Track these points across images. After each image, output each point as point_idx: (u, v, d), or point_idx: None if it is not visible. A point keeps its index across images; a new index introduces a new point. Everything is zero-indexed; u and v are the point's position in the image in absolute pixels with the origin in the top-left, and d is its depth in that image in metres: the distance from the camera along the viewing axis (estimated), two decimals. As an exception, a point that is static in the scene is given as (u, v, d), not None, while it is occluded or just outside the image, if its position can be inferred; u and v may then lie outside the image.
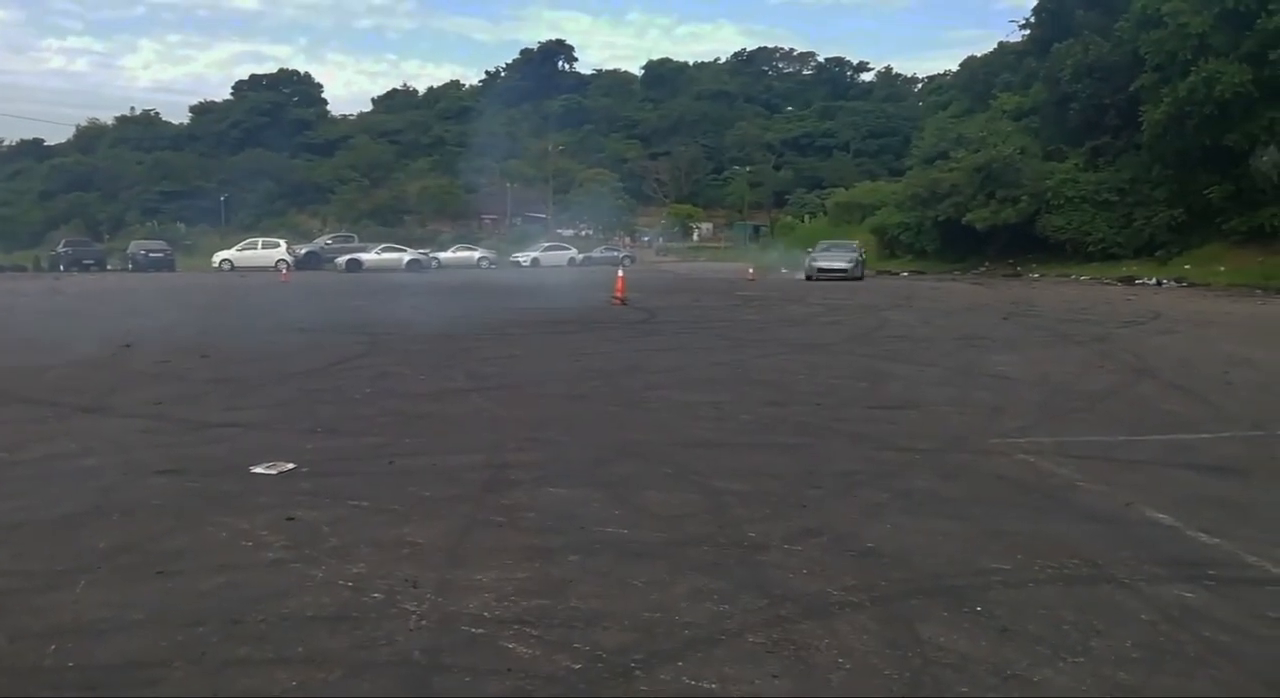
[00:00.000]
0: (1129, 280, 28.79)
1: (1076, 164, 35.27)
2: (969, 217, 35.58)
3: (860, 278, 31.29)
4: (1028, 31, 46.05)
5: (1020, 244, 35.13)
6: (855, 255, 32.69)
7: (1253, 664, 3.04)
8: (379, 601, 3.45)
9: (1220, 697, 2.84)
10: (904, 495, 5.01)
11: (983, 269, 35.78)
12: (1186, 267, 29.23)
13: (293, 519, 4.38)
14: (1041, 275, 32.36)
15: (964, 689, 2.84)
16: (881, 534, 4.30)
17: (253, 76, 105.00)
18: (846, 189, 59.60)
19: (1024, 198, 34.36)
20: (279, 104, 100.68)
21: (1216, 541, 4.22)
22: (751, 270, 34.77)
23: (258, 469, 5.31)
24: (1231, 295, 23.14)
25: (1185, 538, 4.28)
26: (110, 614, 3.35)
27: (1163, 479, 5.43)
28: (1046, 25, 41.99)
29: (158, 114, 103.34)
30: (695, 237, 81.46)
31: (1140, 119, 31.56)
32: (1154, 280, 28.47)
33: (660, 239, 78.36)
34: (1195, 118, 28.95)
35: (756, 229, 77.53)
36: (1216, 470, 5.63)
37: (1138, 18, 32.54)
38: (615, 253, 55.95)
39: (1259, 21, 27.94)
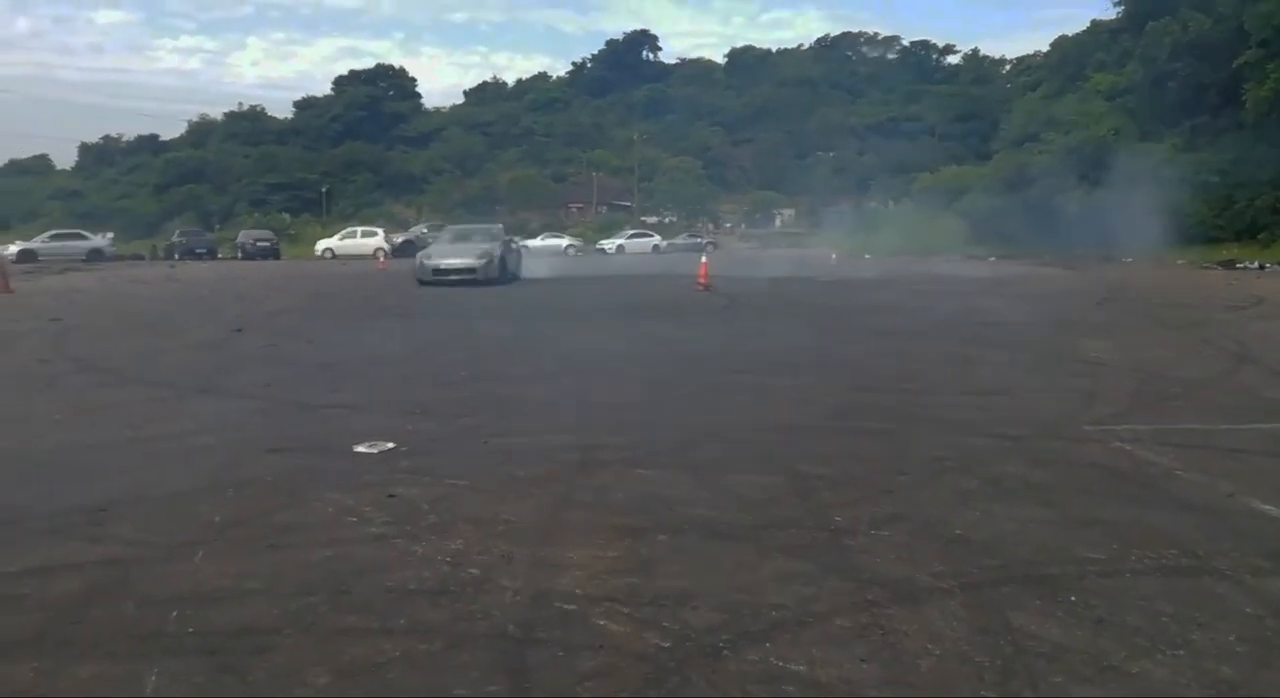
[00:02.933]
0: (1229, 264, 27.58)
1: (1175, 144, 33.90)
2: (1059, 199, 34.52)
3: (499, 280, 21.43)
4: (1123, 8, 44.36)
5: (1114, 228, 33.91)
6: (492, 247, 22.11)
7: (1365, 661, 2.94)
8: (476, 576, 3.57)
9: (1329, 692, 2.75)
10: (994, 482, 4.94)
11: (1075, 253, 34.66)
12: (1294, 250, 27.89)
13: (394, 496, 4.55)
14: (1135, 260, 31.21)
15: (1058, 679, 2.81)
16: (971, 521, 4.25)
17: (351, 72, 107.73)
18: (932, 173, 58.31)
19: (1118, 180, 33.18)
20: (376, 98, 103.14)
21: (1326, 534, 4.07)
22: (834, 256, 34.36)
23: (360, 448, 5.52)
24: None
25: (1292, 531, 4.14)
26: (226, 584, 3.55)
27: (1267, 469, 5.22)
28: (1143, 1, 40.37)
29: (263, 109, 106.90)
30: (778, 222, 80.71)
31: (1243, 97, 30.13)
32: (1256, 264, 27.21)
33: (743, 225, 77.96)
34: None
35: (840, 214, 76.41)
36: (1327, 462, 5.40)
37: (1244, -10, 31.06)
38: (698, 239, 55.92)
39: (1379, -10, 26.40)
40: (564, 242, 52.69)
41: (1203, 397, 7.47)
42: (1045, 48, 59.65)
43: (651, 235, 56.40)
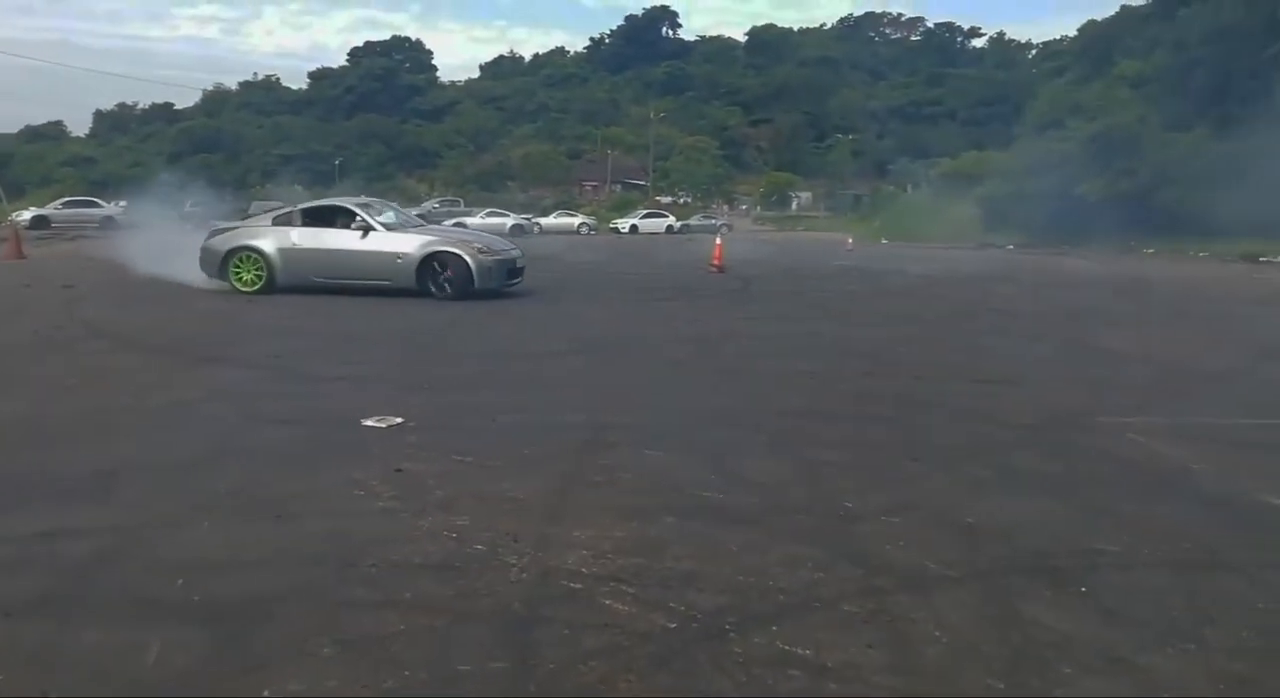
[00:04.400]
0: (1253, 258, 27.27)
1: (1203, 134, 33.44)
2: (1082, 188, 34.14)
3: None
4: (1155, -6, 43.71)
5: (1136, 218, 33.59)
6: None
7: (1381, 660, 2.90)
8: (481, 552, 3.56)
9: (1343, 692, 2.71)
10: (1006, 472, 4.90)
11: (1094, 243, 34.36)
12: (1320, 245, 27.51)
13: (401, 471, 4.54)
14: (1155, 251, 30.89)
15: (1066, 670, 2.79)
16: (982, 510, 4.21)
17: (367, 43, 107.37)
18: (953, 159, 57.79)
19: (1142, 169, 32.77)
20: (391, 70, 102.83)
21: (1343, 531, 4.01)
22: (850, 240, 34.16)
23: (368, 422, 5.51)
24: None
25: (1309, 527, 4.09)
26: (231, 553, 3.55)
27: (1285, 465, 5.17)
28: (1176, -13, 39.79)
29: (278, 79, 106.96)
30: (794, 205, 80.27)
31: (1275, 86, 29.69)
32: (1281, 259, 26.90)
33: (757, 207, 77.60)
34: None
35: (857, 199, 75.89)
36: (1346, 459, 5.33)
37: (1278, -23, 30.54)
38: (713, 221, 55.72)
39: None
40: (577, 220, 52.59)
41: (1221, 390, 7.39)
42: (1073, 32, 58.87)
43: (666, 215, 56.19)
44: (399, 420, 5.54)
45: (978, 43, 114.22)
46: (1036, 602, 3.25)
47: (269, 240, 12.96)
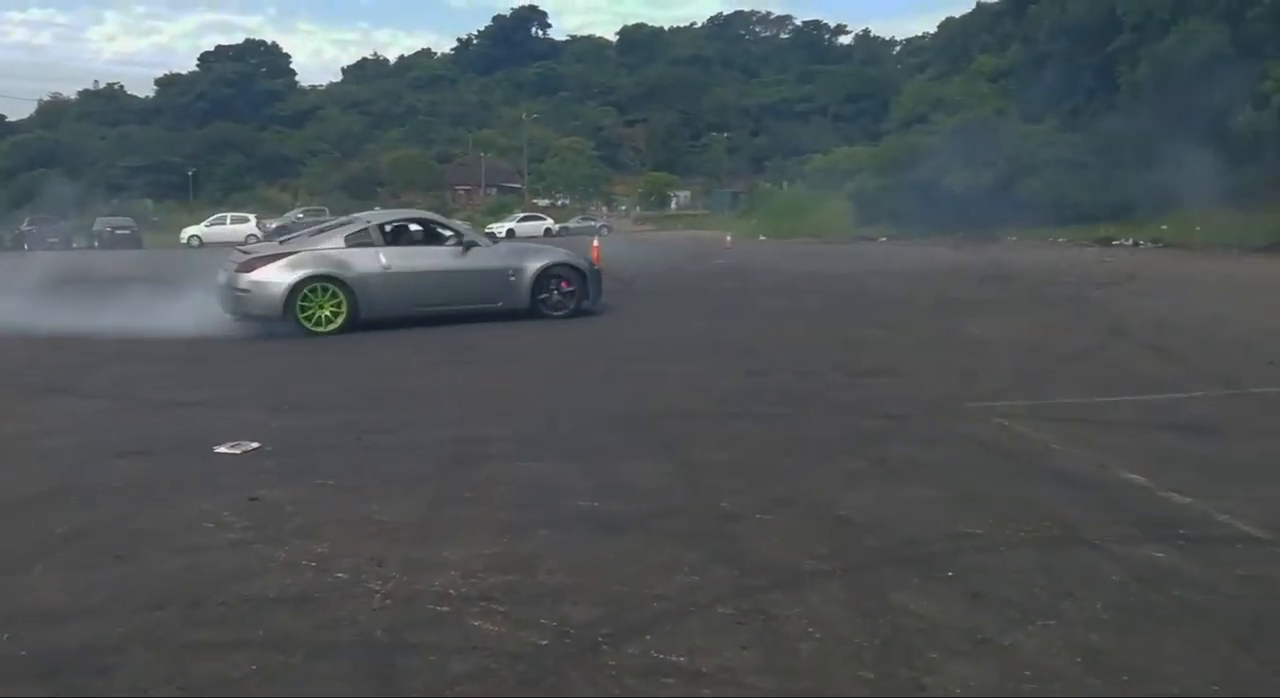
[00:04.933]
0: (1106, 242, 28.88)
1: (1054, 125, 35.25)
2: (947, 180, 35.55)
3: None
4: (1005, -8, 45.86)
5: (999, 207, 35.16)
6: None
7: (1221, 622, 3.03)
8: (343, 580, 3.39)
9: (1189, 656, 2.82)
10: (880, 462, 4.99)
11: (960, 233, 35.82)
12: (1164, 228, 29.32)
13: (256, 499, 4.30)
14: (1019, 238, 32.40)
15: (934, 656, 2.82)
16: (856, 502, 4.27)
17: (218, 47, 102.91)
18: (824, 155, 59.38)
19: (1001, 160, 34.34)
20: (246, 75, 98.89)
21: (1188, 500, 4.21)
22: (729, 238, 34.67)
23: (221, 449, 5.21)
24: (1208, 255, 23.25)
25: (1157, 498, 4.27)
26: (67, 599, 3.28)
27: (1136, 440, 5.42)
28: (1025, -15, 41.84)
29: (122, 87, 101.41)
30: (673, 204, 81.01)
31: (1118, 80, 31.53)
32: (1131, 242, 28.57)
33: (636, 208, 77.99)
34: (1172, 78, 28.96)
35: (735, 196, 77.16)
36: (1189, 430, 5.63)
37: (1115, -23, 32.45)
38: (592, 222, 55.80)
39: (1235, -21, 27.94)
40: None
41: (1078, 371, 7.73)
42: (934, 29, 61.34)
43: (543, 218, 55.96)
44: (255, 445, 5.26)
45: (845, 40, 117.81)
46: (906, 590, 3.29)
47: (349, 265, 10.52)
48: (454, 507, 4.27)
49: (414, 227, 11.75)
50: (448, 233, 11.56)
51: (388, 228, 11.32)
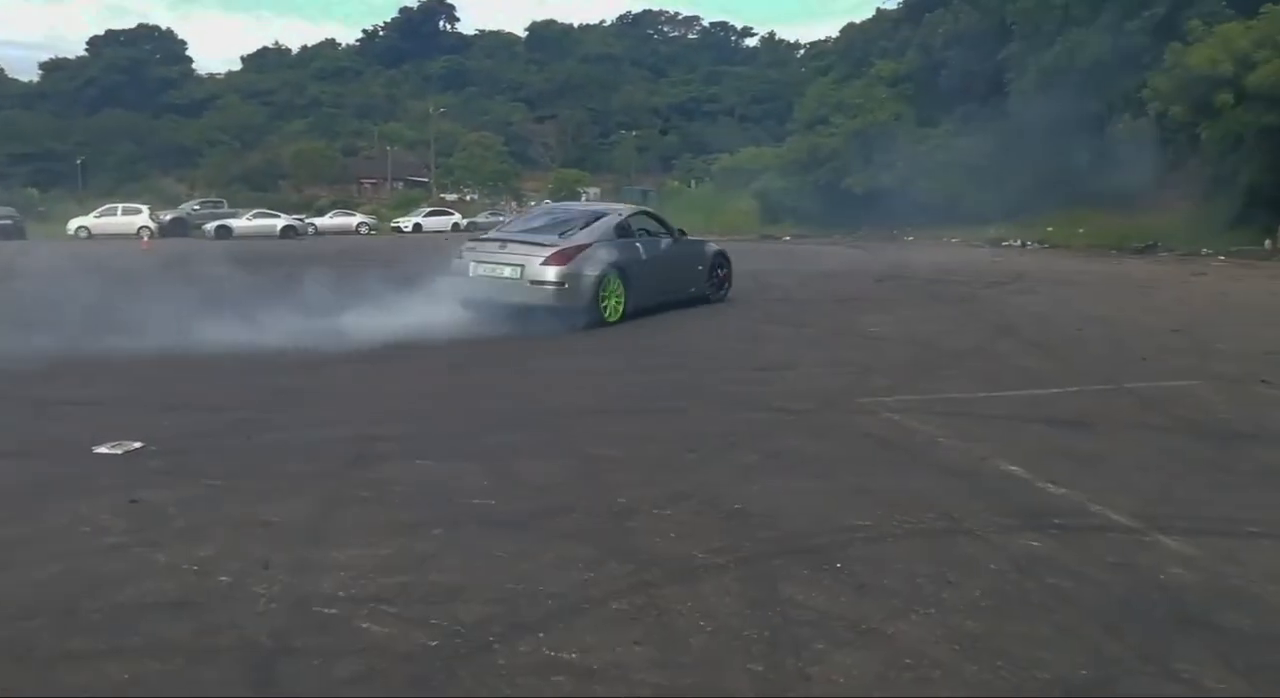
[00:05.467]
0: (996, 243, 29.98)
1: (948, 130, 36.45)
2: (848, 181, 36.44)
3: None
4: (903, 0, 47.20)
5: (897, 207, 36.18)
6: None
7: (1091, 608, 3.19)
8: (226, 584, 3.29)
9: (1061, 641, 2.95)
10: (774, 456, 5.08)
11: (861, 232, 36.74)
12: (1049, 229, 30.58)
13: (137, 502, 4.13)
14: (915, 238, 33.40)
15: (820, 646, 2.89)
16: (750, 495, 4.34)
17: (109, 32, 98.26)
18: (731, 154, 60.07)
19: (899, 163, 35.35)
20: (139, 61, 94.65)
21: (1063, 490, 4.41)
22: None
23: (101, 449, 4.99)
24: (1090, 256, 24.38)
25: (1035, 489, 4.47)
26: (-74, 613, 3.10)
27: (1017, 433, 5.65)
28: (921, -7, 43.14)
29: (2, 71, 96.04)
30: (583, 200, 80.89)
31: (1007, 87, 32.76)
32: (1019, 242, 29.72)
33: (547, 203, 77.51)
34: (1058, 85, 30.22)
35: (644, 194, 77.43)
36: (1066, 423, 5.90)
37: (1005, -12, 33.69)
38: (501, 218, 55.17)
39: (1116, -7, 29.30)
40: (355, 220, 50.75)
41: (965, 367, 8.01)
42: (836, 34, 62.67)
43: (451, 213, 55.24)
44: (138, 445, 5.05)
45: (751, 42, 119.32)
46: (796, 582, 3.36)
47: (623, 256, 10.65)
48: (346, 506, 4.18)
49: (648, 219, 12.26)
50: (663, 227, 12.10)
51: (635, 219, 11.74)
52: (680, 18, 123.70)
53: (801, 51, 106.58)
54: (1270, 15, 22.85)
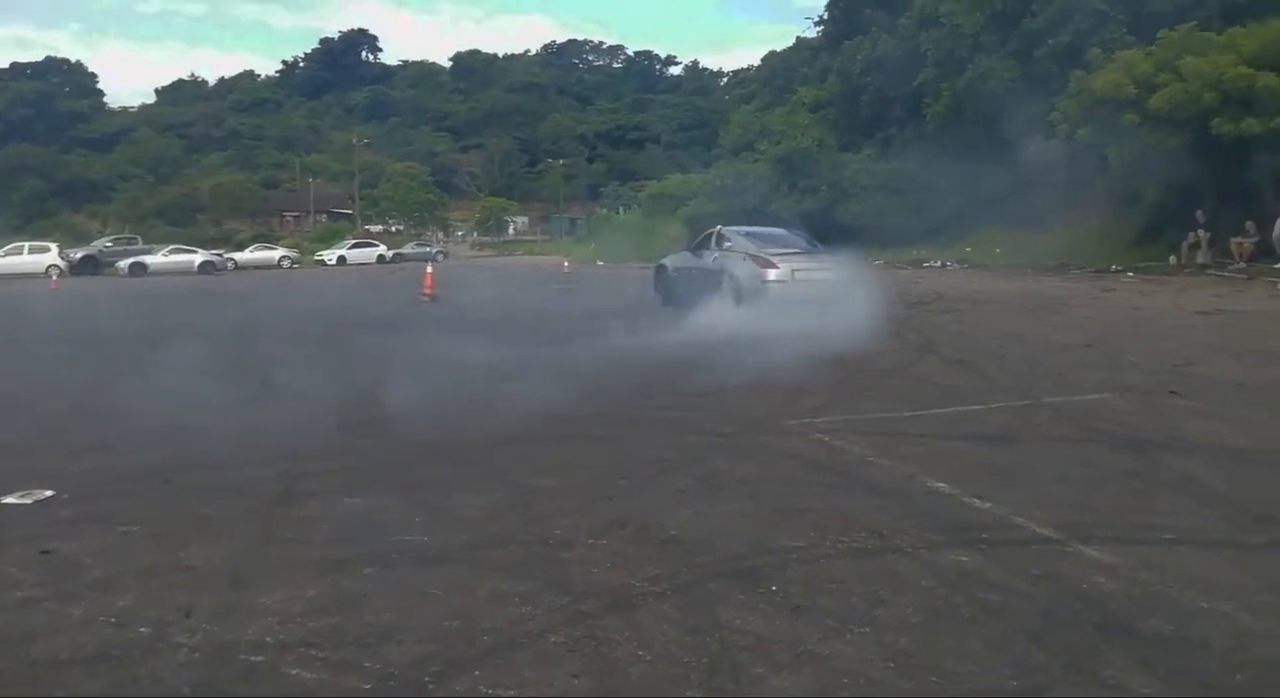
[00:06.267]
0: (918, 264, 30.76)
1: (869, 154, 37.40)
2: (774, 206, 37.06)
3: None
4: (823, 28, 48.43)
5: (823, 231, 36.80)
6: None
7: (1017, 620, 3.26)
8: (146, 635, 3.16)
9: (989, 653, 3.01)
10: (706, 480, 5.10)
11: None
12: (968, 249, 31.52)
13: (48, 552, 3.95)
14: (841, 261, 33.99)
15: (759, 670, 2.90)
16: (684, 520, 4.35)
17: (14, 64, 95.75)
18: (659, 181, 60.64)
19: (823, 187, 36.11)
20: (47, 94, 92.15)
21: (989, 505, 4.51)
22: (567, 263, 34.80)
23: (8, 499, 4.76)
24: (1007, 275, 25.13)
25: (962, 504, 4.56)
26: None
27: (942, 450, 5.77)
28: (839, 22, 44.43)
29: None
30: (511, 230, 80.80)
31: (924, 112, 33.77)
32: (939, 263, 30.54)
33: (474, 233, 77.22)
34: (971, 111, 31.25)
35: (572, 222, 77.72)
36: (990, 439, 6.05)
37: (918, 17, 34.84)
38: (428, 248, 54.92)
39: (1024, 21, 30.46)
40: (278, 253, 49.86)
41: (890, 386, 8.17)
42: (758, 62, 63.97)
43: (376, 245, 54.62)
44: (49, 493, 4.83)
45: (675, 70, 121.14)
46: (732, 606, 3.37)
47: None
48: (271, 548, 4.06)
49: None
50: None
51: None
52: (605, 47, 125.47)
53: (725, 79, 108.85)
54: (1166, 41, 24.02)
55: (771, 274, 13.31)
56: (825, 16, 48.39)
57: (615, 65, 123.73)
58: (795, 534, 4.13)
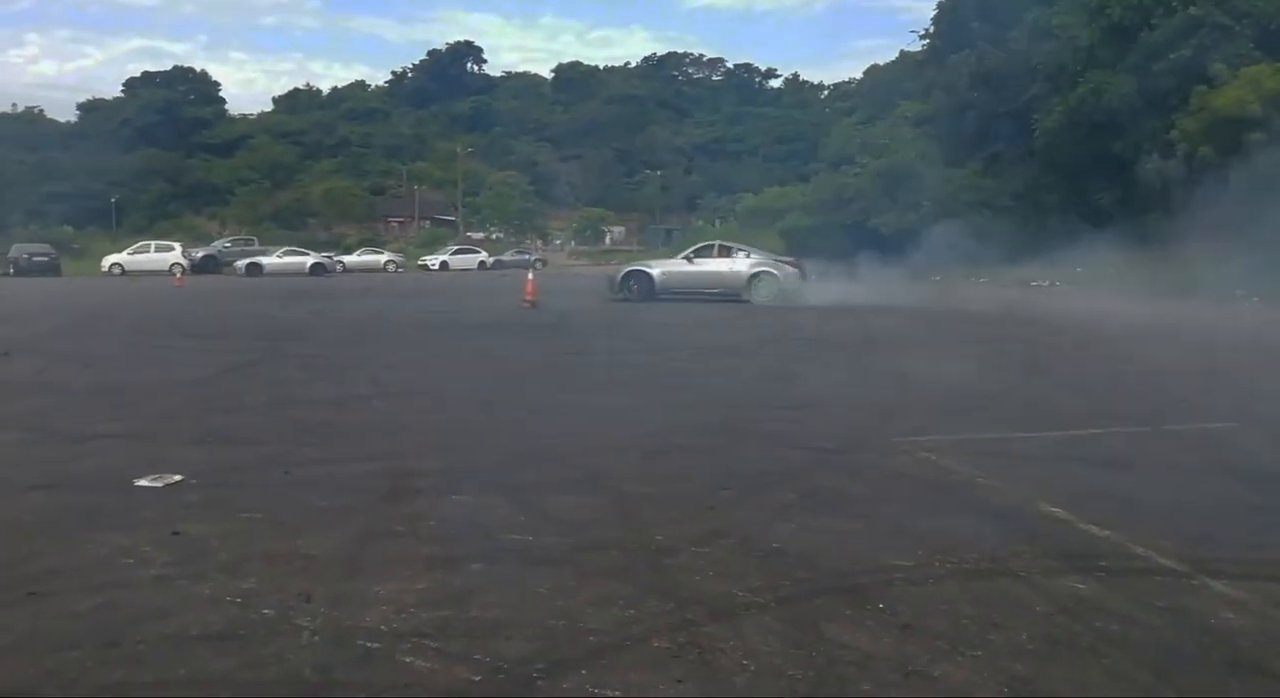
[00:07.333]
0: (1025, 283, 29.83)
1: (974, 170, 36.51)
2: (874, 221, 36.50)
3: None
4: (927, 42, 47.57)
5: (924, 248, 36.12)
6: None
7: (1141, 652, 3.12)
8: (269, 617, 3.29)
9: (1111, 685, 2.90)
10: (811, 495, 5.04)
11: (889, 272, 36.53)
12: (1078, 269, 30.40)
13: (178, 534, 4.16)
14: (942, 278, 33.27)
15: (866, 687, 2.85)
16: (788, 534, 4.30)
17: (145, 73, 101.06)
18: (756, 194, 60.40)
19: (926, 203, 35.38)
20: (174, 102, 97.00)
21: (1107, 533, 4.34)
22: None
23: (142, 482, 5.03)
24: (1119, 296, 24.15)
25: (1078, 531, 4.40)
26: (-32, 642, 3.12)
27: (1057, 474, 5.57)
28: (945, 36, 43.53)
29: (43, 111, 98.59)
30: (608, 240, 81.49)
31: (1034, 127, 32.82)
32: (1048, 282, 29.57)
33: (571, 242, 78.19)
34: (1084, 126, 30.23)
35: (669, 233, 77.92)
36: (1106, 465, 5.82)
37: (1029, 30, 33.89)
38: (526, 256, 55.77)
39: (1142, 35, 29.35)
40: (384, 257, 51.32)
41: (1000, 407, 7.95)
42: (859, 75, 63.28)
43: (477, 251, 55.78)
44: (178, 478, 5.09)
45: (775, 83, 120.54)
46: (838, 622, 3.32)
47: None
48: (383, 541, 4.18)
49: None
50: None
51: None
52: (705, 59, 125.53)
53: (825, 92, 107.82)
54: (1297, 57, 22.86)
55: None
56: (931, 30, 47.47)
57: (715, 77, 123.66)
58: (902, 553, 4.04)
